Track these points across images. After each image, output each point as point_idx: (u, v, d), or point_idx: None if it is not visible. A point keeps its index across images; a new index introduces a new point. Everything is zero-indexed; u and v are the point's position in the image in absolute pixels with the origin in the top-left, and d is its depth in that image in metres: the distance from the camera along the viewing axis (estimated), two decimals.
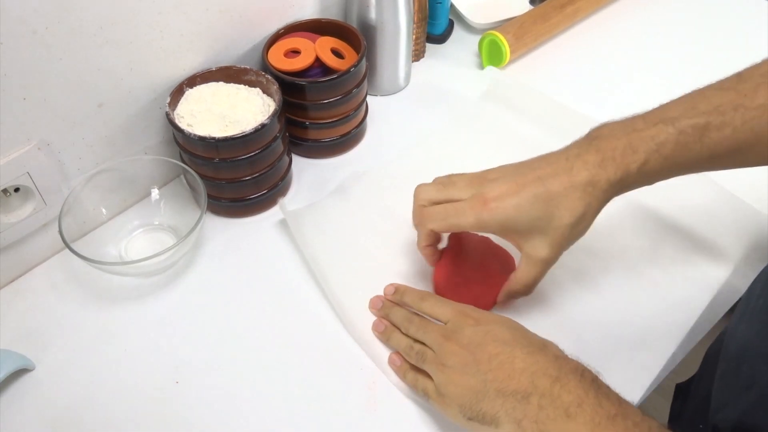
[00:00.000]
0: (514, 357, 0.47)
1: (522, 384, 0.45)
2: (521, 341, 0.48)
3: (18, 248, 0.63)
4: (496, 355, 0.47)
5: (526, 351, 0.47)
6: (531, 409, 0.44)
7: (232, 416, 0.55)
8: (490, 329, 0.49)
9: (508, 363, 0.46)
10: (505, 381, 0.45)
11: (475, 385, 0.47)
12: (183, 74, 0.67)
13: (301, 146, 0.76)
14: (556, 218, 0.51)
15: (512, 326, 0.51)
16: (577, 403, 0.42)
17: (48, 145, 0.60)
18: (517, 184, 0.52)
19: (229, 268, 0.66)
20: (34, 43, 0.54)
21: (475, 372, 0.47)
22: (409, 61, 0.84)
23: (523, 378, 0.45)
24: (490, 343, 0.48)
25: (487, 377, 0.46)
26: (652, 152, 0.50)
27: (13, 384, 0.57)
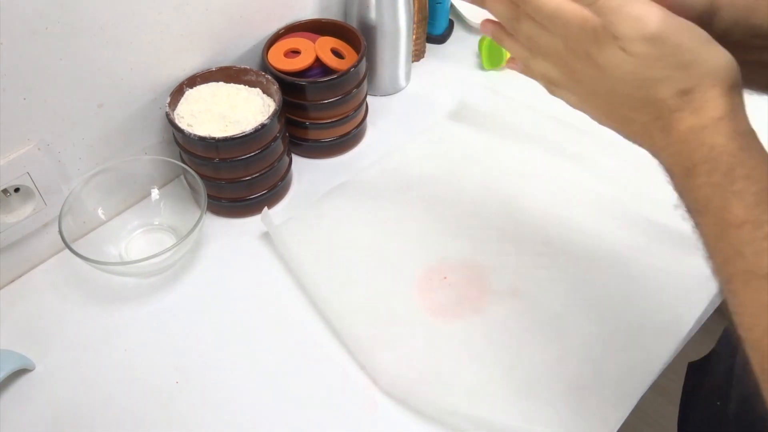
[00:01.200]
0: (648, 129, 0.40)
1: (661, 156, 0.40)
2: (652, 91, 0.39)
3: (18, 248, 0.63)
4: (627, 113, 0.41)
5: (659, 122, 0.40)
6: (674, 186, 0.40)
7: (231, 416, 0.55)
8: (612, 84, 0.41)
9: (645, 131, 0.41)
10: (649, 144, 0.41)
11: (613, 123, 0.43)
12: (183, 74, 0.67)
13: (301, 146, 0.76)
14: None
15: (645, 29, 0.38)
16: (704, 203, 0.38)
17: (48, 145, 0.60)
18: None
19: (229, 268, 0.66)
20: (34, 43, 0.54)
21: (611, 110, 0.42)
22: (409, 61, 0.84)
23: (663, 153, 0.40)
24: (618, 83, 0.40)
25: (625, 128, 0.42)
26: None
27: (13, 384, 0.57)
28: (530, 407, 0.55)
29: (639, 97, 0.40)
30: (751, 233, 0.36)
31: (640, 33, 0.38)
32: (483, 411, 0.54)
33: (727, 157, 0.38)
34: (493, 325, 0.60)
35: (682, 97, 0.39)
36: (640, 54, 0.39)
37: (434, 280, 0.64)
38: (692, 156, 0.39)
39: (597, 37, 0.40)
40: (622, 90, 0.41)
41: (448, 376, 0.57)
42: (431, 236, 0.67)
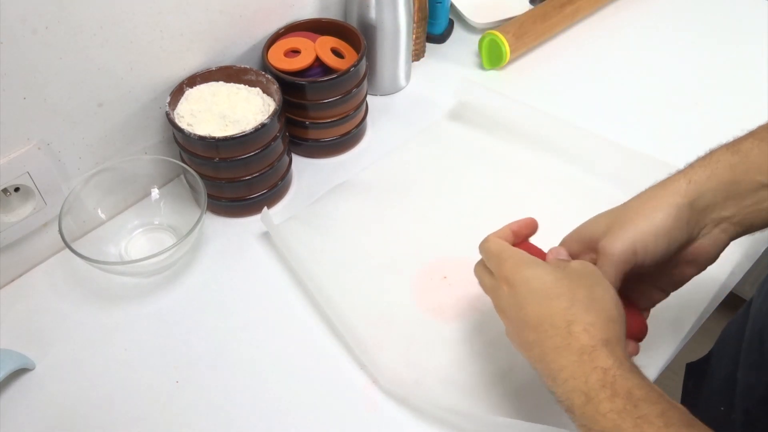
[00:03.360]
0: (545, 355, 0.43)
1: (561, 395, 0.42)
2: (545, 326, 0.44)
3: (18, 248, 0.63)
4: (531, 345, 0.44)
5: (553, 345, 0.43)
6: (578, 423, 0.41)
7: (231, 416, 0.55)
8: (519, 302, 0.45)
9: (543, 361, 0.44)
10: (550, 386, 0.43)
11: (528, 355, 0.45)
12: (183, 74, 0.67)
13: (301, 146, 0.76)
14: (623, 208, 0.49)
15: (537, 290, 0.45)
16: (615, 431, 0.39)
17: (48, 145, 0.60)
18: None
19: (229, 267, 0.66)
20: (34, 43, 0.54)
21: (526, 356, 0.46)
22: (409, 61, 0.84)
23: (560, 389, 0.42)
24: (523, 327, 0.45)
25: (537, 367, 0.44)
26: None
27: (13, 384, 0.57)
28: (530, 406, 0.55)
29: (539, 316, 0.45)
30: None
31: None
32: (483, 410, 0.54)
33: (622, 381, 0.40)
34: (492, 324, 0.60)
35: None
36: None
37: (434, 280, 0.64)
38: (588, 379, 0.40)
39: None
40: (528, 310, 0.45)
41: (447, 375, 0.57)
42: (431, 235, 0.67)
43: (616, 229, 0.47)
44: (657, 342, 0.59)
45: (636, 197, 0.49)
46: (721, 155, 0.48)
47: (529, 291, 0.45)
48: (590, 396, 0.40)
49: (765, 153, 0.47)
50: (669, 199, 0.47)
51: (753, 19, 0.95)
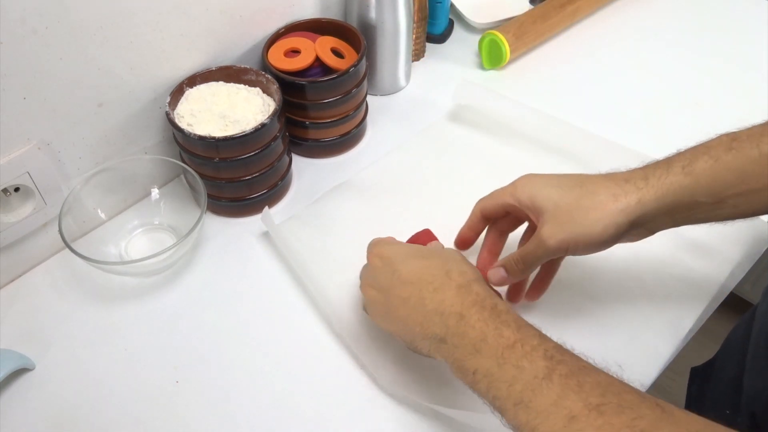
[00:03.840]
0: (423, 298, 0.49)
1: (436, 327, 0.47)
2: (425, 276, 0.50)
3: (18, 248, 0.63)
4: (407, 299, 0.49)
5: (432, 288, 0.49)
6: (449, 349, 0.46)
7: (231, 416, 0.55)
8: (395, 269, 0.51)
9: (420, 306, 0.48)
10: (423, 325, 0.48)
11: (401, 331, 0.50)
12: (183, 74, 0.67)
13: (301, 146, 0.76)
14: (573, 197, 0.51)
15: (413, 255, 0.52)
16: (480, 338, 0.45)
17: (48, 144, 0.60)
18: (560, 177, 0.54)
19: (229, 267, 0.66)
20: (34, 43, 0.54)
21: (396, 318, 0.50)
22: (409, 61, 0.84)
23: (436, 320, 0.47)
24: (399, 286, 0.50)
25: (408, 322, 0.49)
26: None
27: (13, 384, 0.57)
28: None
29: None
30: (522, 349, 0.43)
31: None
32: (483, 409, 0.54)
33: (489, 300, 0.47)
34: None
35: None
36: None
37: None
38: (464, 302, 0.47)
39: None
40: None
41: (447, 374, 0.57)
42: None
43: (560, 221, 0.51)
44: (656, 342, 0.59)
45: (587, 194, 0.51)
46: (675, 176, 0.49)
47: (404, 255, 0.52)
48: (463, 314, 0.46)
49: (714, 175, 0.49)
50: (614, 217, 0.49)
51: (753, 19, 0.95)
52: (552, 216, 0.51)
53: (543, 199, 0.52)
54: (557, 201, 0.51)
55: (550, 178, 0.53)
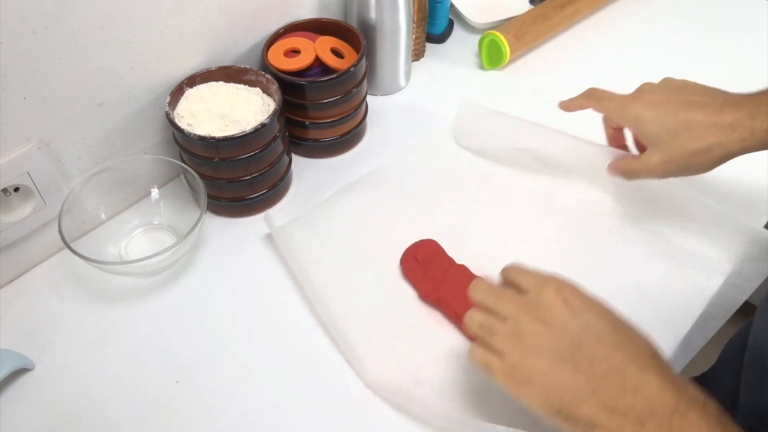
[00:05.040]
0: (625, 370, 0.41)
1: (637, 405, 0.40)
2: (629, 348, 0.42)
3: (18, 248, 0.63)
4: (601, 361, 0.41)
5: (638, 366, 0.41)
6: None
7: (231, 416, 0.55)
8: (589, 322, 0.43)
9: (618, 375, 0.41)
10: (617, 395, 0.40)
11: (577, 386, 0.41)
12: (183, 74, 0.67)
13: (301, 146, 0.76)
14: (681, 139, 0.55)
15: (613, 321, 0.44)
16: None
17: (48, 145, 0.60)
18: (668, 98, 0.57)
19: (229, 267, 0.66)
20: (34, 43, 0.54)
21: (574, 371, 0.41)
22: (409, 61, 0.84)
23: (638, 399, 0.40)
24: (593, 343, 0.42)
25: (595, 384, 0.41)
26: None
27: (13, 384, 0.57)
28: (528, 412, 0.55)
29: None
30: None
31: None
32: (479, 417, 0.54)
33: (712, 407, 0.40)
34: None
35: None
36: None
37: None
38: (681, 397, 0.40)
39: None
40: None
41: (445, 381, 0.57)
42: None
43: (665, 159, 0.56)
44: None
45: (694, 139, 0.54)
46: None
47: (602, 317, 0.44)
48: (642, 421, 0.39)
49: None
50: (716, 162, 0.55)
51: (753, 19, 0.95)
52: (659, 152, 0.56)
53: (650, 133, 0.57)
54: (665, 140, 0.56)
55: (657, 111, 0.57)
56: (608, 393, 0.40)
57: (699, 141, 0.54)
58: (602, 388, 0.41)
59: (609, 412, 0.40)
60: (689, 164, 0.56)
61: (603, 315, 0.44)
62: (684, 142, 0.55)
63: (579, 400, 0.41)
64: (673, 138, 0.55)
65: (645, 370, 0.41)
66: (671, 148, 0.56)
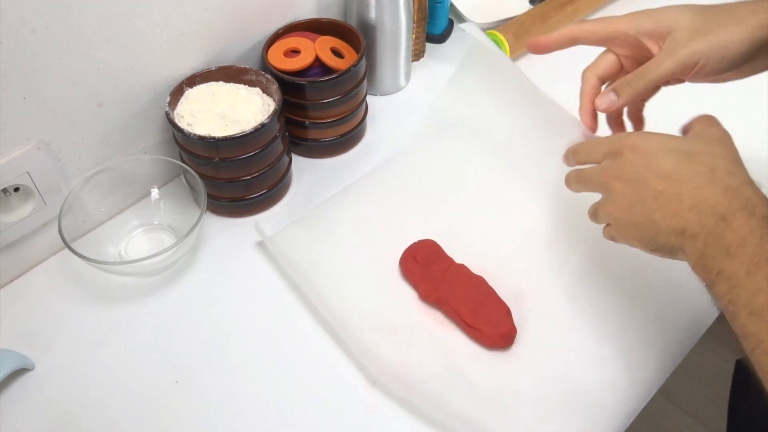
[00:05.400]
0: (680, 194, 0.45)
1: (690, 223, 0.45)
2: (686, 171, 0.46)
3: (18, 248, 0.63)
4: (661, 192, 0.46)
5: (693, 185, 0.45)
6: (697, 246, 0.44)
7: (231, 416, 0.55)
8: (651, 161, 0.48)
9: (675, 200, 0.46)
10: (673, 219, 0.45)
11: (646, 225, 0.47)
12: (183, 74, 0.67)
13: (301, 146, 0.76)
14: (715, 28, 0.50)
15: (673, 149, 0.48)
16: (738, 242, 0.42)
17: (48, 144, 0.60)
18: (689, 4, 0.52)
19: (229, 267, 0.66)
20: (34, 43, 0.54)
21: (641, 211, 0.47)
22: (409, 61, 0.84)
23: (691, 216, 0.45)
24: (653, 179, 0.47)
25: (655, 216, 0.46)
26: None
27: (13, 384, 0.57)
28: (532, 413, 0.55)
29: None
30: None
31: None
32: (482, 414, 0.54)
33: (762, 207, 0.43)
34: None
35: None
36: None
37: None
38: (731, 204, 0.44)
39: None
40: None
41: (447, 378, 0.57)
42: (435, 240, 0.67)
43: (693, 33, 0.50)
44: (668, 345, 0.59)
45: (723, 12, 0.50)
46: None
47: (664, 148, 0.48)
48: (726, 216, 0.43)
49: None
50: (754, 32, 0.49)
51: None
52: (684, 29, 0.50)
53: (671, 16, 0.52)
54: (690, 17, 0.51)
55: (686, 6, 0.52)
56: (666, 218, 0.46)
57: (730, 10, 0.50)
58: (660, 216, 0.46)
59: (673, 235, 0.46)
60: (721, 37, 0.50)
61: (662, 146, 0.48)
62: (714, 14, 0.50)
63: (653, 234, 0.47)
64: (701, 13, 0.50)
65: (699, 189, 0.45)
66: (699, 19, 0.50)
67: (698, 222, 0.44)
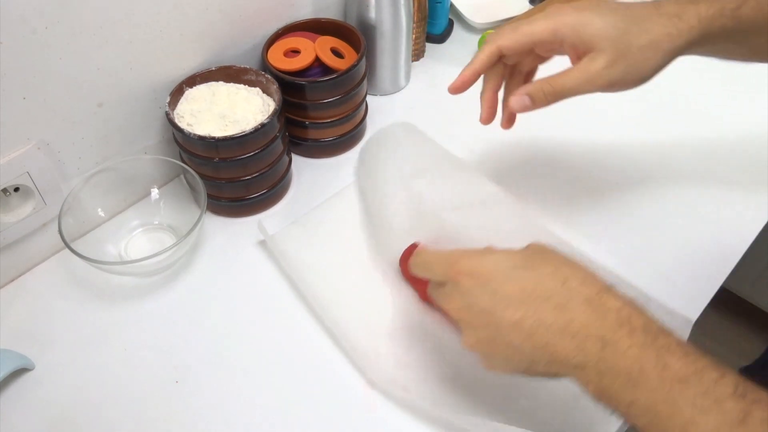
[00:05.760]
0: (542, 320, 0.40)
1: (569, 351, 0.39)
2: (537, 291, 0.41)
3: (18, 248, 0.63)
4: (518, 322, 0.41)
5: (552, 306, 0.40)
6: (590, 375, 0.39)
7: (231, 416, 0.55)
8: (493, 287, 0.42)
9: (540, 328, 0.40)
10: (547, 349, 0.40)
11: (516, 357, 0.42)
12: (183, 74, 0.67)
13: (301, 146, 0.76)
14: (634, 50, 0.48)
15: (512, 267, 0.43)
16: (637, 368, 0.37)
17: (48, 144, 0.60)
18: (609, 6, 0.50)
19: (229, 267, 0.66)
20: (34, 43, 0.54)
21: (505, 344, 0.42)
22: (409, 61, 0.84)
23: (568, 344, 0.39)
24: (504, 308, 0.41)
25: (523, 348, 0.41)
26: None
27: (13, 384, 0.57)
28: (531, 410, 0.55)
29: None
30: (700, 384, 0.36)
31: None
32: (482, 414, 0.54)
33: (636, 316, 0.39)
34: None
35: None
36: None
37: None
38: (603, 322, 0.39)
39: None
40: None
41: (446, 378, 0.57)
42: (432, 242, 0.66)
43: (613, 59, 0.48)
44: None
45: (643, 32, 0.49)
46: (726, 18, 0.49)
47: (503, 268, 0.43)
48: (607, 338, 0.39)
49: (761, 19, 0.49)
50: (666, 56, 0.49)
51: None
52: (604, 54, 0.48)
53: (593, 33, 0.49)
54: (612, 37, 0.48)
55: (599, 7, 0.49)
56: (540, 349, 0.41)
57: (647, 34, 0.48)
58: (531, 347, 0.41)
59: (555, 364, 0.41)
60: (636, 63, 0.49)
61: (505, 268, 0.44)
62: (633, 36, 0.48)
63: (530, 367, 0.42)
64: (621, 34, 0.48)
65: (561, 310, 0.41)
66: (619, 44, 0.48)
67: (579, 349, 0.39)
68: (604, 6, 0.50)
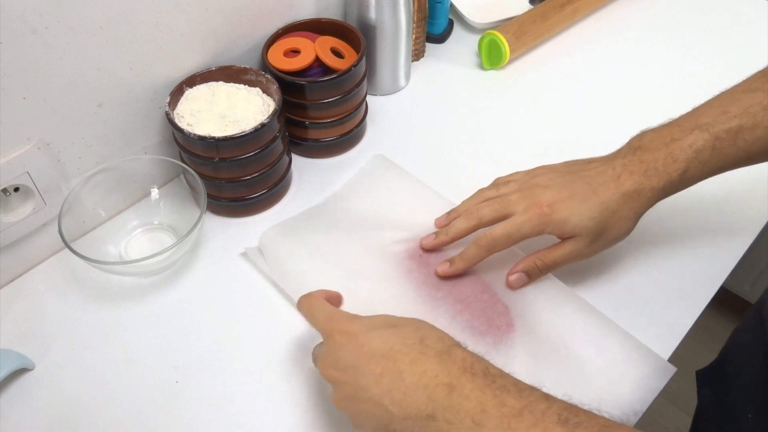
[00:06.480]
0: (400, 371, 0.43)
1: (421, 402, 0.42)
2: (398, 346, 0.45)
3: (18, 248, 0.64)
4: (381, 375, 0.44)
5: (409, 359, 0.44)
6: (440, 426, 0.42)
7: (231, 416, 0.55)
8: (361, 342, 0.46)
9: (398, 380, 0.43)
10: (402, 403, 0.43)
11: (378, 413, 0.44)
12: (183, 74, 0.67)
13: (301, 146, 0.76)
14: (609, 230, 0.56)
15: (379, 326, 0.47)
16: (480, 409, 0.41)
17: (48, 144, 0.60)
18: (569, 191, 0.56)
19: (229, 267, 0.66)
20: (34, 43, 0.54)
21: (367, 399, 0.44)
22: (409, 61, 0.84)
23: (419, 395, 0.42)
24: (369, 362, 0.45)
25: (384, 402, 0.44)
26: (691, 160, 0.54)
27: (13, 384, 0.57)
28: None
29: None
30: (531, 416, 0.40)
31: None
32: None
33: (477, 363, 0.44)
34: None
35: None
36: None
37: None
38: (450, 370, 0.43)
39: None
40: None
41: None
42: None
43: (593, 239, 0.56)
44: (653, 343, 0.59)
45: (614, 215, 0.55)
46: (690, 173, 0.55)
47: (369, 327, 0.47)
48: (453, 384, 0.42)
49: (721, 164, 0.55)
50: (634, 223, 0.56)
51: (753, 19, 0.95)
52: (586, 240, 0.56)
53: (572, 229, 0.56)
54: (589, 227, 0.56)
55: (581, 208, 0.55)
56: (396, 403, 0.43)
57: (617, 214, 0.55)
58: (390, 401, 0.44)
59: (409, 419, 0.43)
60: (612, 236, 0.57)
61: (372, 326, 0.48)
62: (606, 222, 0.55)
63: (387, 424, 0.44)
64: (596, 224, 0.55)
65: (416, 362, 0.44)
66: (596, 230, 0.56)
67: (429, 400, 0.42)
68: (596, 207, 0.55)
